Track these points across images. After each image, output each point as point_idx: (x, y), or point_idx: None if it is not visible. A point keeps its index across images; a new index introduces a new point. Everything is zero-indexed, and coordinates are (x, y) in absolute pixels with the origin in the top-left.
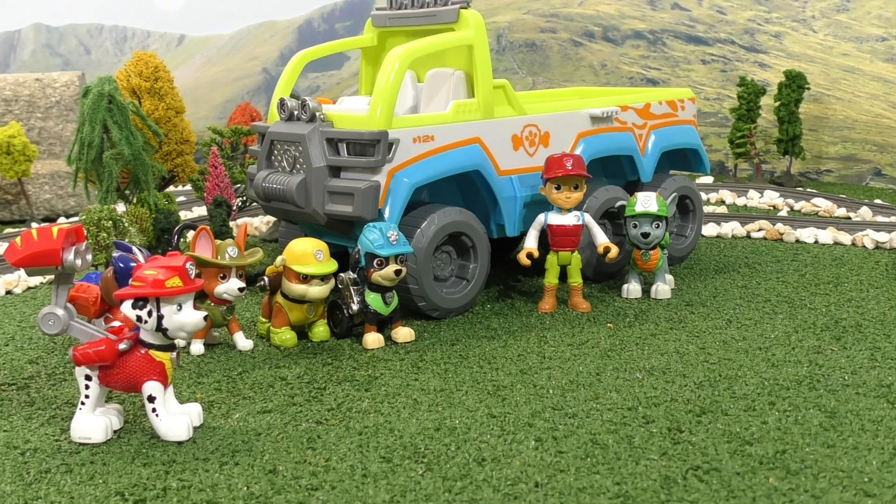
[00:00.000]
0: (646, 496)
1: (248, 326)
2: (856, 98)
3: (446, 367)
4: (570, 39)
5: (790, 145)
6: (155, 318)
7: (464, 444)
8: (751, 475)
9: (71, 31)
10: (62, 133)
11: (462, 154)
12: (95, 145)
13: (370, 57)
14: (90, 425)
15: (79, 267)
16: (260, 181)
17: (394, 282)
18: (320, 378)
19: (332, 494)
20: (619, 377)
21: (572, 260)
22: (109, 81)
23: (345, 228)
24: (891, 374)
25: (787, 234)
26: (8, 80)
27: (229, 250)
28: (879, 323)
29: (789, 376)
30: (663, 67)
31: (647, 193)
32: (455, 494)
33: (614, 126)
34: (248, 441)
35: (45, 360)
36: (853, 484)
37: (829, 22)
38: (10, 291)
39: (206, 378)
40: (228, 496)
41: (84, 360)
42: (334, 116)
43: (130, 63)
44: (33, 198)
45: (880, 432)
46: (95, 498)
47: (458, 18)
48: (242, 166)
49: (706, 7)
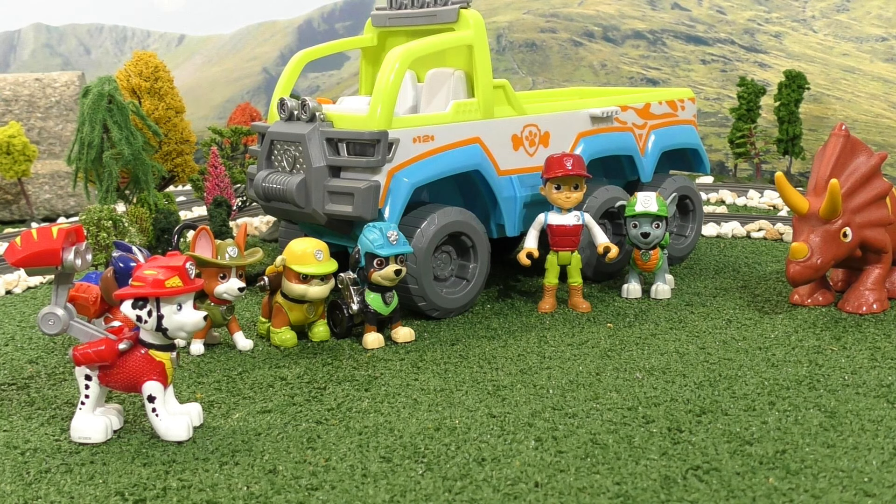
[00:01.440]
0: (646, 496)
1: (248, 326)
2: (856, 98)
3: (446, 367)
4: (570, 39)
5: (790, 145)
6: (155, 317)
7: (464, 444)
8: (751, 475)
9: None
10: (62, 133)
11: (462, 154)
12: (95, 145)
13: (370, 57)
14: (90, 425)
15: (79, 267)
16: (260, 181)
17: (394, 282)
18: (320, 378)
19: (332, 494)
20: (619, 377)
21: (572, 260)
22: (109, 81)
23: (345, 228)
24: (891, 374)
25: (787, 234)
26: (8, 80)
27: (229, 250)
28: (879, 323)
29: (789, 376)
30: (663, 67)
31: (647, 193)
32: (455, 494)
33: (614, 126)
34: (248, 441)
35: (45, 360)
36: (853, 484)
37: (829, 22)
38: (10, 291)
39: (206, 378)
40: (228, 496)
41: (84, 360)
42: (334, 116)
43: (130, 63)
44: (33, 198)
45: (880, 432)
46: (95, 498)
47: (457, 18)
48: (242, 166)
49: (706, 7)
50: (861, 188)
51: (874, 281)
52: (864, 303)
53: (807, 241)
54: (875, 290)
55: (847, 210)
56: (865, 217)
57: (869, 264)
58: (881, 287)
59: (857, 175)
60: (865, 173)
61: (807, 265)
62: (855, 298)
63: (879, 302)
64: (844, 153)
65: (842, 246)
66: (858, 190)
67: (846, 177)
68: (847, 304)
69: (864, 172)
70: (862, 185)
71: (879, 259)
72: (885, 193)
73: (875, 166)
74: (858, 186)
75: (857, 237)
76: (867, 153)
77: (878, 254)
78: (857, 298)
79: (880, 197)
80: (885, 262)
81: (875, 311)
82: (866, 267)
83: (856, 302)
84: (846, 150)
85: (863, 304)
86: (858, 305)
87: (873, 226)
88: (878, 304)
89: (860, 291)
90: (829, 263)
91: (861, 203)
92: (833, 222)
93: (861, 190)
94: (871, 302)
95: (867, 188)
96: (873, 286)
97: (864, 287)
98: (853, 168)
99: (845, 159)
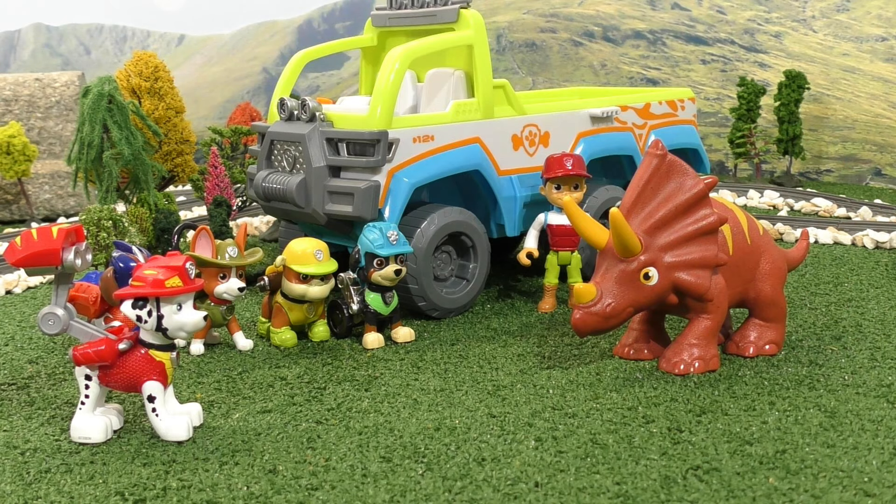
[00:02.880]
0: (646, 496)
1: (248, 326)
2: (856, 98)
3: (446, 367)
4: (570, 39)
5: (790, 145)
6: (155, 317)
7: (464, 443)
8: (751, 475)
9: (71, 31)
10: (62, 133)
11: (462, 154)
12: (95, 145)
13: (370, 57)
14: (90, 425)
15: (79, 267)
16: (260, 181)
17: (394, 282)
18: (320, 378)
19: (332, 494)
20: (619, 377)
21: (572, 260)
22: (109, 81)
23: (345, 228)
24: (891, 374)
25: (787, 234)
26: (8, 80)
27: (229, 250)
28: (879, 323)
29: (789, 376)
30: (663, 67)
31: None
32: (455, 494)
33: (614, 126)
34: (248, 441)
35: (45, 360)
36: (853, 484)
37: (829, 22)
38: (10, 291)
39: (206, 378)
40: (228, 496)
41: (84, 360)
42: (334, 116)
43: (130, 63)
44: (33, 198)
45: (880, 432)
46: (95, 498)
47: (457, 18)
48: (242, 166)
49: (706, 7)
50: (676, 220)
51: (699, 334)
52: (682, 360)
53: (599, 283)
54: (698, 346)
55: (653, 246)
56: (680, 256)
57: (693, 313)
58: (707, 342)
59: (672, 204)
60: (683, 203)
61: (592, 311)
62: (673, 354)
63: (702, 360)
64: (657, 176)
65: (643, 290)
66: (672, 222)
67: (657, 205)
68: (663, 361)
69: (680, 202)
70: (677, 216)
71: (705, 308)
72: (710, 228)
73: (699, 194)
74: (672, 218)
75: (666, 280)
76: (689, 177)
77: (700, 301)
78: (675, 354)
79: (704, 232)
80: (714, 312)
81: (695, 371)
82: (691, 317)
83: (673, 359)
84: (660, 173)
85: (679, 363)
86: (675, 364)
87: (691, 267)
88: (701, 362)
89: (681, 345)
90: (623, 310)
91: (675, 239)
92: (630, 260)
93: (676, 222)
94: (689, 360)
95: (685, 220)
96: (697, 340)
97: (685, 340)
98: (667, 195)
99: (658, 183)
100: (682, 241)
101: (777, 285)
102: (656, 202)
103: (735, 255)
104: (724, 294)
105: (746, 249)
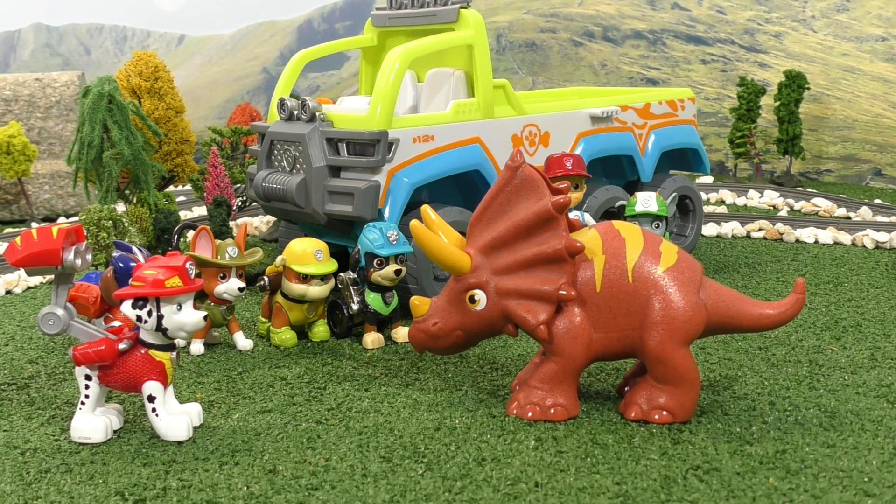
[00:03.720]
0: (646, 496)
1: (248, 326)
2: (856, 98)
3: (446, 367)
4: (570, 39)
5: (790, 145)
6: (155, 317)
7: (464, 444)
8: (751, 475)
9: (71, 31)
10: (62, 133)
11: (462, 154)
12: (95, 145)
13: (370, 57)
14: (90, 425)
15: (79, 267)
16: (260, 181)
17: (394, 282)
18: (320, 378)
19: (332, 494)
20: (619, 377)
21: None
22: (109, 81)
23: (345, 228)
24: (891, 374)
25: (787, 233)
26: (8, 80)
27: (229, 250)
28: (879, 323)
29: (789, 376)
30: (663, 67)
31: (647, 193)
32: (455, 494)
33: (614, 126)
34: (248, 441)
35: (45, 360)
36: (853, 484)
37: (829, 22)
38: (10, 291)
39: (206, 378)
40: (228, 496)
41: (84, 360)
42: (334, 116)
43: (130, 63)
44: (33, 198)
45: (880, 432)
46: (95, 498)
47: (457, 18)
48: (242, 166)
49: (706, 7)
50: (517, 241)
51: (542, 377)
52: (518, 402)
53: (435, 299)
54: (541, 389)
55: (485, 267)
56: (513, 282)
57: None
58: (552, 388)
59: (512, 223)
60: (523, 222)
61: (420, 327)
62: (522, 395)
63: (540, 408)
64: (507, 191)
65: (469, 314)
66: (512, 243)
67: (500, 222)
68: (510, 402)
69: (520, 221)
70: (518, 237)
71: (551, 349)
72: (554, 256)
73: (542, 215)
74: (512, 238)
75: (495, 306)
76: (540, 195)
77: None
78: (523, 396)
79: (546, 259)
80: (560, 356)
81: (532, 418)
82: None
83: (515, 401)
84: (510, 187)
85: (513, 404)
86: (509, 403)
87: (524, 297)
88: (538, 409)
89: (528, 387)
90: (451, 332)
91: (511, 262)
92: (459, 280)
93: (516, 244)
94: (523, 404)
95: (527, 243)
96: (540, 384)
97: (530, 381)
98: (514, 212)
99: (507, 199)
100: (517, 265)
101: (666, 340)
102: (501, 219)
103: (604, 294)
104: (577, 337)
105: (625, 289)
